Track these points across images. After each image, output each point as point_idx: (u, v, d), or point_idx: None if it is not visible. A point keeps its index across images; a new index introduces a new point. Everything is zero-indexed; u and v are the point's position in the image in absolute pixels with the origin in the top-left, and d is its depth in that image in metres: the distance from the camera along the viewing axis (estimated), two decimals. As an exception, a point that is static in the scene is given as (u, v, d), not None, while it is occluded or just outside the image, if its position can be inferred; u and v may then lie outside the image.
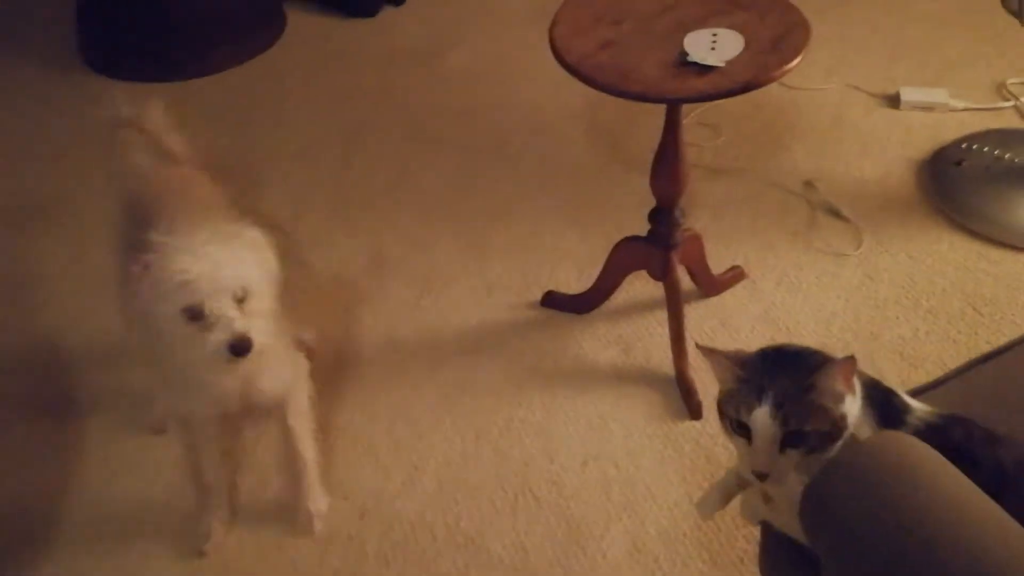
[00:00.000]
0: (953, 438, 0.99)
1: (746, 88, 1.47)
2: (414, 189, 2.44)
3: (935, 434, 0.99)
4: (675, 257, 1.88)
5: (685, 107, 2.50)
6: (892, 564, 0.76)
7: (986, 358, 1.27)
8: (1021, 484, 0.96)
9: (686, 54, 1.52)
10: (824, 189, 2.34)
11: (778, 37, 1.55)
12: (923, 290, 2.08)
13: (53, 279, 2.24)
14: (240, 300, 1.34)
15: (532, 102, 2.69)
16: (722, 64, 1.49)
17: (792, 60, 1.50)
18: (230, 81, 2.87)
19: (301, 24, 3.09)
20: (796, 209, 2.31)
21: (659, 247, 1.87)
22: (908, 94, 2.57)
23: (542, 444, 1.83)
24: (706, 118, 2.58)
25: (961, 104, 2.55)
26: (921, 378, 1.88)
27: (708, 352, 1.05)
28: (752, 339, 1.99)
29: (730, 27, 1.58)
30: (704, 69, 1.49)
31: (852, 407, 0.97)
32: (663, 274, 1.90)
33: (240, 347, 1.32)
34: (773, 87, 2.66)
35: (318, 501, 1.71)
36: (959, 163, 2.31)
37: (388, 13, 3.11)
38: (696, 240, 1.96)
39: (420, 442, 1.84)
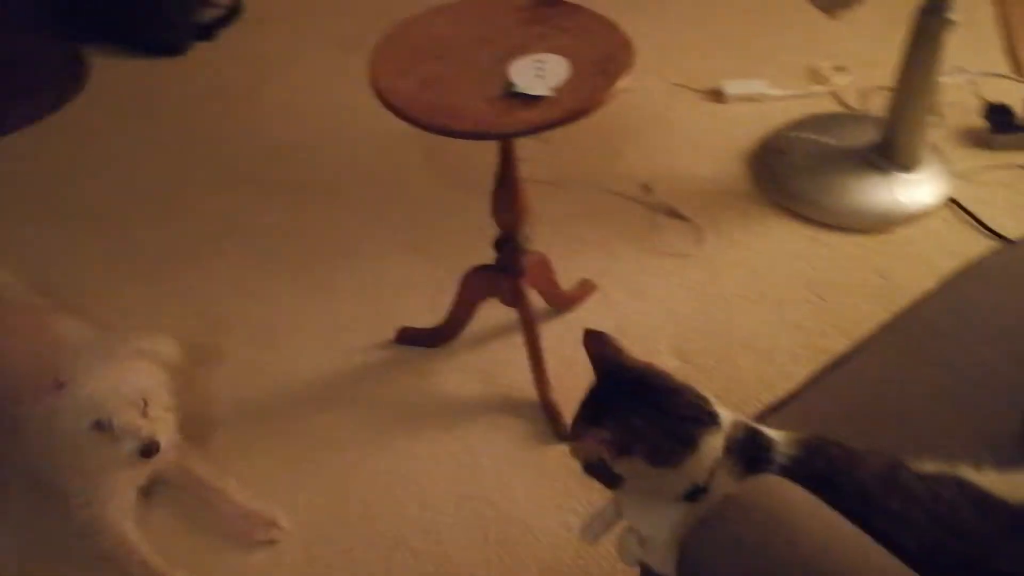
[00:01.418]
0: (817, 468, 0.99)
1: (578, 115, 1.44)
2: (244, 237, 2.32)
3: (800, 467, 0.99)
4: (524, 283, 1.85)
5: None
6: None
7: (835, 365, 1.29)
8: (884, 501, 0.97)
9: (513, 85, 1.48)
10: (661, 190, 2.36)
11: (603, 58, 1.53)
12: (766, 281, 2.12)
13: None
14: (144, 407, 1.52)
15: (359, 132, 2.61)
16: (550, 92, 1.47)
17: (620, 80, 1.49)
18: (26, 141, 2.65)
19: (105, 70, 2.89)
20: (635, 214, 2.32)
21: (507, 274, 1.84)
22: (731, 87, 2.63)
23: (413, 492, 1.77)
24: (538, 130, 2.57)
25: (780, 92, 2.63)
26: (774, 372, 1.93)
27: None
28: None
29: (554, 52, 1.55)
30: (532, 99, 1.46)
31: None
32: (514, 300, 1.87)
33: (148, 450, 1.50)
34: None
35: (264, 508, 1.72)
36: (783, 152, 2.38)
37: (199, 50, 2.96)
38: (543, 262, 1.93)
39: (281, 511, 1.74)
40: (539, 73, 1.50)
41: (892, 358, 1.27)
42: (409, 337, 2.02)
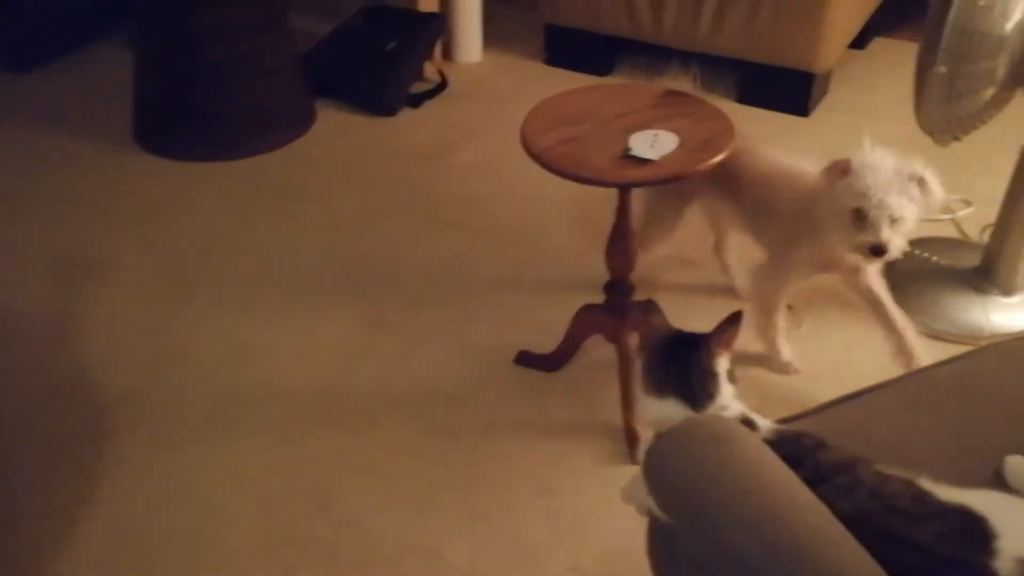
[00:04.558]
0: (785, 448, 1.27)
1: (674, 177, 1.81)
2: (418, 263, 2.78)
3: (771, 446, 1.27)
4: (626, 324, 2.19)
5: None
6: (702, 510, 1.04)
7: (850, 397, 1.56)
8: (833, 476, 1.24)
9: (629, 149, 1.87)
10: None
11: (708, 139, 1.90)
12: (856, 366, 2.36)
13: (91, 323, 2.59)
14: (893, 220, 1.86)
15: (526, 195, 3.05)
16: (657, 158, 1.84)
17: (715, 157, 1.84)
18: (262, 165, 3.25)
19: (330, 119, 3.49)
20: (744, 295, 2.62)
21: (613, 314, 2.19)
22: (857, 204, 2.90)
23: (504, 477, 2.12)
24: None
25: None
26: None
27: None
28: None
29: (670, 130, 1.93)
30: (642, 162, 1.84)
31: None
32: (616, 338, 2.21)
33: (878, 250, 1.88)
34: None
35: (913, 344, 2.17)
36: (892, 261, 2.62)
37: (406, 114, 3.52)
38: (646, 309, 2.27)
39: (398, 471, 2.13)
40: (653, 143, 1.88)
41: (903, 401, 1.53)
42: (526, 360, 2.39)
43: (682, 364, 1.38)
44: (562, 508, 2.04)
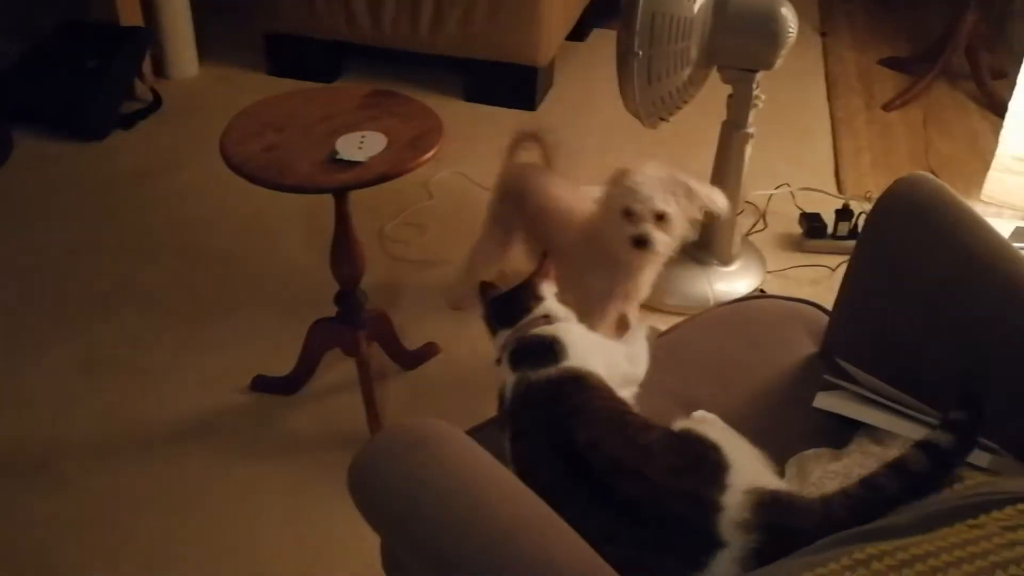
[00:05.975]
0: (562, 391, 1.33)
1: (383, 178, 1.75)
2: (136, 295, 2.57)
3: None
4: (361, 334, 2.10)
5: (394, 209, 2.82)
6: (408, 518, 0.98)
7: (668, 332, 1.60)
8: (588, 457, 1.22)
9: (336, 153, 1.79)
10: (511, 277, 2.65)
11: (416, 137, 1.85)
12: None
13: None
14: (659, 218, 1.89)
15: (252, 212, 2.90)
16: (365, 160, 1.77)
17: (425, 155, 1.80)
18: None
19: (28, 148, 3.18)
20: (488, 292, 2.60)
21: (347, 326, 2.10)
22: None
23: (247, 511, 1.98)
24: (414, 219, 2.88)
25: (630, 197, 2.97)
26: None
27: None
28: (447, 408, 2.23)
29: (377, 130, 1.86)
30: (350, 164, 1.76)
31: None
32: (352, 350, 2.12)
33: (640, 241, 1.90)
34: (477, 190, 3.02)
35: None
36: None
37: (118, 137, 3.26)
38: (383, 318, 2.20)
39: (127, 523, 1.95)
40: (360, 145, 1.81)
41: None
42: (262, 384, 2.25)
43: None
44: (310, 536, 1.93)
